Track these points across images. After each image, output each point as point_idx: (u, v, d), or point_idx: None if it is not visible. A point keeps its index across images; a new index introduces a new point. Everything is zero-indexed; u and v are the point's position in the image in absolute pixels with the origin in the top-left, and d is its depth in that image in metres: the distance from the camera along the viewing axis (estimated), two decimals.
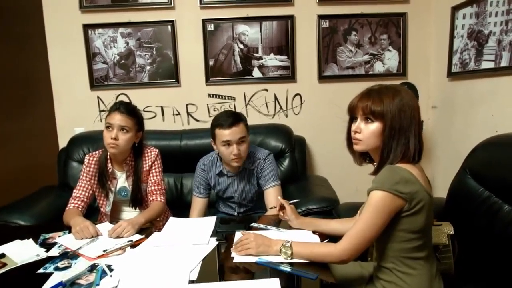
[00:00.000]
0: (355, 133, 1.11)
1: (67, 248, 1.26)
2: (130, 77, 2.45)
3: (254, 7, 2.40)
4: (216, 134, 1.66)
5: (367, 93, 1.11)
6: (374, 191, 1.02)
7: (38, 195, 2.15)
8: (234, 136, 1.62)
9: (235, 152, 1.62)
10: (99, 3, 2.37)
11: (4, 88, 2.69)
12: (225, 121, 1.63)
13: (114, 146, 1.52)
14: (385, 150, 1.07)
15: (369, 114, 1.07)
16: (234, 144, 1.62)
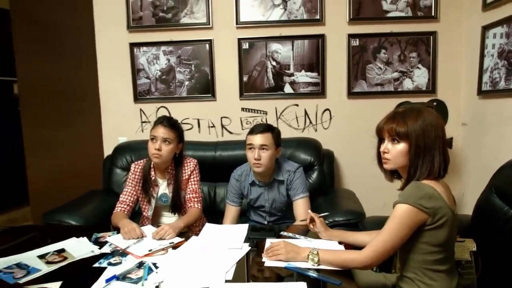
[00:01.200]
0: (384, 153, 1.21)
1: (117, 246, 1.42)
2: (170, 91, 2.64)
3: (287, 27, 2.54)
4: (246, 141, 1.82)
5: (392, 116, 1.20)
6: (399, 204, 1.11)
7: (86, 198, 2.35)
8: (257, 141, 1.77)
9: (256, 156, 1.76)
10: (144, 23, 2.59)
11: (57, 99, 2.97)
12: (256, 128, 1.81)
13: (158, 156, 1.69)
14: (411, 168, 1.16)
15: (395, 135, 1.16)
16: (256, 149, 1.76)
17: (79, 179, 2.96)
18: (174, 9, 2.56)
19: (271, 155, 1.79)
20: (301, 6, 2.51)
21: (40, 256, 1.35)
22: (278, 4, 2.52)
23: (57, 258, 1.34)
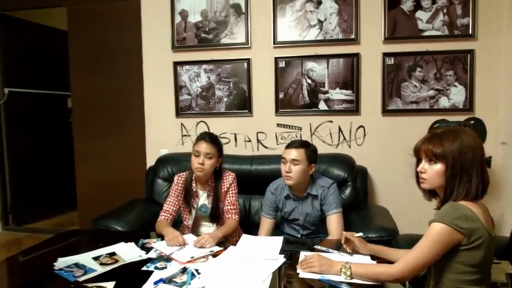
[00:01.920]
0: (421, 173, 1.25)
1: (162, 252, 1.54)
2: (209, 107, 2.80)
3: (322, 46, 2.63)
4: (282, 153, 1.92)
5: (430, 136, 1.25)
6: (434, 222, 1.15)
7: (130, 206, 2.52)
8: (289, 155, 1.86)
9: (286, 169, 1.84)
10: (187, 44, 2.77)
11: (106, 113, 3.21)
12: (292, 143, 1.91)
13: (201, 170, 1.82)
14: (448, 188, 1.19)
15: (431, 156, 1.21)
16: (288, 163, 1.84)
17: (123, 187, 3.16)
18: (216, 30, 2.73)
19: (302, 170, 1.86)
20: (336, 26, 2.59)
21: (94, 258, 1.50)
22: (314, 24, 2.62)
23: (109, 260, 1.48)
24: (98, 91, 3.20)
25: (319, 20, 2.61)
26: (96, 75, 3.20)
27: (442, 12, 2.49)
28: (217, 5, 2.71)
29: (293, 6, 2.63)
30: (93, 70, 3.21)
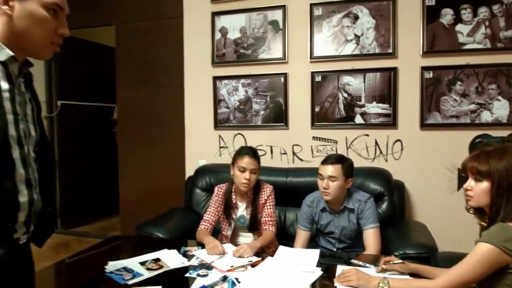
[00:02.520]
0: (467, 190, 1.26)
1: (203, 260, 1.62)
2: (246, 120, 2.89)
3: (359, 61, 2.65)
4: (318, 168, 1.95)
5: (477, 154, 1.25)
6: (482, 243, 1.14)
7: (170, 214, 2.63)
8: (325, 172, 1.88)
9: (324, 185, 1.87)
10: (226, 59, 2.89)
11: (148, 124, 3.38)
12: (328, 159, 1.93)
13: (246, 186, 1.90)
14: (493, 207, 1.19)
15: (477, 174, 1.21)
16: (325, 179, 1.87)
17: (162, 195, 3.30)
18: (254, 46, 2.83)
19: (340, 185, 1.88)
20: (373, 41, 2.61)
21: (141, 262, 1.60)
22: (351, 39, 2.65)
23: (154, 266, 1.57)
24: (142, 103, 3.39)
25: (355, 35, 2.64)
26: (140, 88, 3.39)
27: (484, 25, 2.45)
28: (256, 22, 2.81)
29: (330, 21, 2.68)
30: (137, 84, 3.40)
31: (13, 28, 0.89)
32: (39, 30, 0.92)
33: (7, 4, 0.87)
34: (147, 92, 3.36)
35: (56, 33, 0.95)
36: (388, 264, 1.44)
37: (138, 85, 3.40)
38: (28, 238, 0.98)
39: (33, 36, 0.91)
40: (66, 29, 0.97)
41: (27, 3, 0.89)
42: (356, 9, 2.63)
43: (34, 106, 1.02)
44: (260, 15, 2.80)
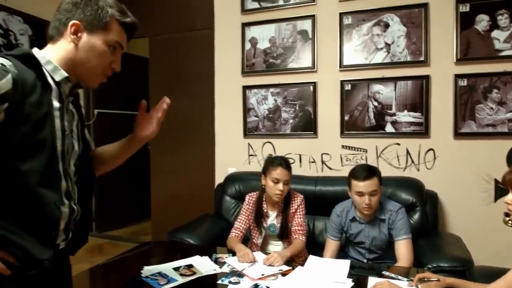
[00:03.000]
0: (507, 204, 1.23)
1: (234, 267, 1.66)
2: (275, 128, 2.92)
3: (389, 69, 2.62)
4: (352, 184, 1.91)
5: None
6: None
7: (200, 221, 2.69)
8: (367, 188, 1.84)
9: (367, 202, 1.84)
10: (256, 69, 2.94)
11: (179, 132, 3.48)
12: (361, 174, 1.88)
13: (279, 197, 1.93)
14: None
15: None
16: (367, 195, 1.84)
17: (192, 201, 3.38)
18: (283, 56, 2.87)
19: (379, 197, 1.88)
20: (404, 49, 2.58)
21: (175, 268, 1.65)
22: (381, 48, 2.63)
23: (188, 272, 1.62)
24: (173, 111, 3.43)
25: (386, 43, 2.62)
26: (172, 97, 3.42)
27: None
28: (285, 32, 2.85)
29: (359, 30, 2.67)
30: (169, 93, 3.44)
31: (75, 55, 0.99)
32: (96, 62, 1.02)
33: (76, 34, 0.97)
34: (178, 100, 3.45)
35: (109, 66, 1.05)
36: (422, 282, 1.41)
37: (170, 94, 3.44)
38: (66, 244, 1.05)
39: (91, 66, 1.01)
40: (119, 66, 1.07)
41: (94, 37, 0.99)
42: (386, 17, 2.62)
43: (79, 123, 1.10)
44: (289, 25, 2.84)
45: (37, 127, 0.88)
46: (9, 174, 0.86)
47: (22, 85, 0.85)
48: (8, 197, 0.87)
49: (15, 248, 0.87)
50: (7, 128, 0.83)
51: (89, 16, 0.99)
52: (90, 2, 1.00)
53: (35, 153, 0.89)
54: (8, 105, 0.82)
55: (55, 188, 0.95)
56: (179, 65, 3.43)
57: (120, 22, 1.03)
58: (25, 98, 0.85)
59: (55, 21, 1.01)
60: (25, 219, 0.89)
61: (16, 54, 0.90)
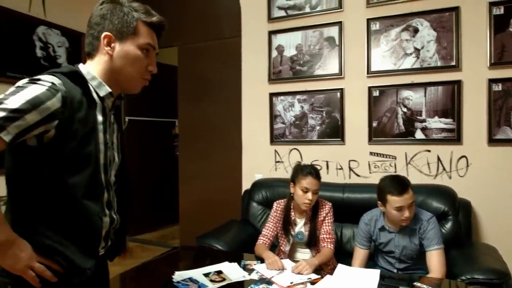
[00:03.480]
0: None
1: (263, 275, 1.67)
2: (302, 135, 2.92)
3: (419, 74, 2.58)
4: (387, 200, 1.84)
5: None
6: None
7: (228, 226, 2.72)
8: (406, 201, 1.80)
9: (407, 215, 1.80)
10: (283, 76, 2.96)
11: (207, 138, 3.55)
12: (396, 188, 1.82)
13: (308, 206, 1.94)
14: None
15: None
16: (406, 209, 1.81)
17: (220, 206, 3.43)
18: (310, 63, 2.87)
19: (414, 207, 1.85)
20: (435, 54, 2.53)
21: (205, 274, 1.68)
22: (410, 53, 2.59)
23: (217, 278, 1.65)
24: (201, 118, 3.57)
25: (415, 48, 2.58)
26: (200, 104, 3.58)
27: None
28: (312, 39, 2.86)
29: (387, 36, 2.64)
30: (197, 100, 3.60)
31: (112, 65, 1.02)
32: (133, 68, 1.04)
33: (109, 46, 1.01)
34: (206, 107, 3.54)
35: (146, 70, 1.07)
36: None
37: (198, 101, 3.59)
38: (105, 251, 1.10)
39: (128, 72, 1.04)
40: (155, 67, 1.09)
41: (126, 44, 1.02)
42: (416, 22, 2.58)
43: (118, 134, 1.15)
44: (316, 32, 2.85)
45: (83, 142, 0.92)
46: (57, 187, 0.90)
47: (70, 102, 0.88)
48: (55, 209, 0.91)
49: (61, 257, 0.91)
50: (57, 144, 0.88)
51: (117, 24, 1.00)
52: (115, 10, 1.01)
53: (81, 167, 0.93)
54: (58, 122, 0.86)
55: (98, 199, 0.99)
56: (206, 72, 3.51)
57: (147, 23, 1.04)
58: (73, 114, 0.89)
59: (88, 36, 1.04)
60: (70, 230, 0.94)
61: (64, 71, 0.94)
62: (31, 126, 0.81)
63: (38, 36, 3.12)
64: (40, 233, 0.90)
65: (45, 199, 0.90)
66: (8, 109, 0.78)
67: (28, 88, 0.83)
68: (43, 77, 0.88)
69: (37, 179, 0.89)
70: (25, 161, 0.88)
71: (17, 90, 0.83)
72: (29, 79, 0.87)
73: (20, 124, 0.79)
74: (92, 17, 1.03)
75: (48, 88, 0.85)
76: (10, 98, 0.80)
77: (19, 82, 0.87)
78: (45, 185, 0.89)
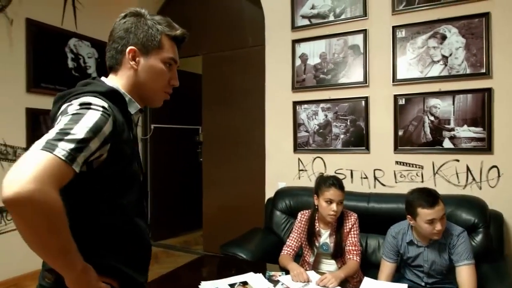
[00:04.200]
0: None
1: (288, 286, 1.67)
2: (326, 143, 2.90)
3: (447, 82, 2.52)
4: (418, 213, 1.80)
5: None
6: None
7: (251, 235, 2.73)
8: (438, 214, 1.75)
9: (439, 228, 1.75)
10: (306, 85, 2.96)
11: (230, 145, 3.59)
12: (427, 201, 1.78)
13: (333, 217, 1.93)
14: None
15: None
16: (438, 222, 1.77)
17: (242, 213, 3.46)
18: (334, 71, 2.86)
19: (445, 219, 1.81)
20: (463, 61, 2.47)
21: (230, 285, 1.70)
22: (438, 60, 2.54)
23: None
24: (225, 125, 3.62)
25: (443, 55, 2.53)
26: (223, 111, 3.62)
27: None
28: (336, 47, 2.85)
29: (414, 43, 2.60)
30: (221, 107, 3.65)
31: (136, 80, 1.01)
32: (157, 82, 1.03)
33: (134, 60, 1.00)
34: (230, 115, 3.58)
35: (169, 83, 1.07)
36: None
37: (221, 108, 3.64)
38: None
39: (152, 87, 1.03)
40: (177, 81, 1.09)
41: (150, 59, 1.01)
42: (443, 29, 2.52)
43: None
44: (340, 40, 2.83)
45: (130, 161, 0.94)
46: (112, 209, 0.91)
47: (118, 124, 0.88)
48: (113, 230, 0.93)
49: (121, 275, 0.93)
50: (107, 167, 0.87)
51: (142, 38, 0.99)
52: (140, 23, 1.00)
53: (130, 186, 0.94)
54: (110, 146, 0.85)
55: (144, 215, 1.02)
56: (230, 80, 3.55)
57: (171, 37, 1.03)
58: (120, 136, 0.89)
59: (111, 50, 1.01)
60: (128, 248, 0.96)
61: (104, 91, 0.92)
62: (92, 153, 0.80)
63: (70, 48, 3.26)
64: (102, 255, 0.91)
65: (103, 222, 0.91)
66: (76, 139, 0.76)
67: (86, 115, 0.81)
68: (92, 100, 0.86)
69: (91, 204, 0.89)
70: (76, 188, 0.85)
71: (78, 118, 0.80)
72: (80, 104, 0.85)
73: (86, 153, 0.78)
74: (115, 31, 1.01)
75: (102, 113, 0.83)
76: (75, 127, 0.78)
77: (71, 108, 0.84)
78: (101, 209, 0.90)
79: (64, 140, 0.75)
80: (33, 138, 3.20)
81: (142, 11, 1.03)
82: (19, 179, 0.68)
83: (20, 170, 0.69)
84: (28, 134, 3.02)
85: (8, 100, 2.91)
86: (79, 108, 0.83)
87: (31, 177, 0.68)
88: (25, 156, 0.72)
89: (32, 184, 0.68)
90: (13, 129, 2.96)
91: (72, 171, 0.75)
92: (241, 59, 3.46)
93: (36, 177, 0.69)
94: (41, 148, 0.73)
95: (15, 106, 2.96)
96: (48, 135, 0.76)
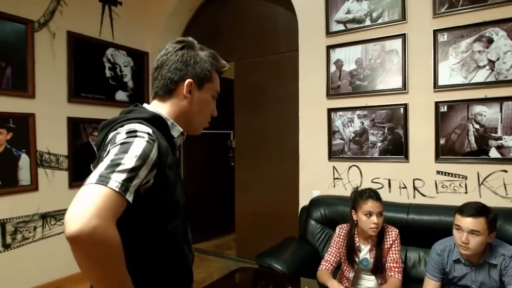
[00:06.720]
0: None
1: None
2: (362, 151, 2.83)
3: (494, 88, 2.38)
4: (455, 218, 1.76)
5: None
6: None
7: (286, 244, 2.71)
8: (466, 225, 1.68)
9: (463, 240, 1.68)
10: (342, 91, 2.89)
11: (263, 150, 3.58)
12: (468, 210, 1.71)
13: (375, 230, 1.87)
14: None
15: None
16: (465, 233, 1.68)
17: (276, 220, 3.44)
18: (370, 77, 2.78)
19: (481, 241, 1.69)
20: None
21: None
22: (484, 65, 2.40)
23: None
24: (257, 131, 3.61)
25: (489, 60, 2.39)
26: (256, 117, 3.61)
27: None
28: (372, 53, 2.76)
29: (457, 47, 2.48)
30: (253, 112, 3.64)
31: (187, 110, 1.04)
32: (204, 113, 1.09)
33: (190, 93, 1.03)
34: (262, 120, 3.57)
35: (210, 114, 1.12)
36: None
37: (254, 114, 3.63)
38: None
39: (199, 116, 1.08)
40: (216, 112, 1.14)
41: (203, 92, 1.05)
42: (489, 32, 2.39)
43: None
44: (377, 46, 2.74)
45: (175, 187, 0.94)
46: (160, 236, 0.92)
47: (162, 149, 0.89)
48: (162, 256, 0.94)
49: None
50: (153, 193, 0.88)
51: (199, 72, 1.03)
52: (197, 57, 1.04)
53: (176, 211, 0.96)
54: (156, 172, 0.86)
55: (188, 240, 1.03)
56: (263, 86, 3.54)
57: (218, 71, 1.08)
58: (165, 162, 0.90)
59: (165, 79, 1.03)
60: (175, 273, 0.97)
61: (147, 117, 0.93)
62: (141, 181, 0.81)
63: (108, 58, 3.35)
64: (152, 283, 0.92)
65: (151, 249, 0.92)
66: (127, 169, 0.77)
67: (134, 143, 0.82)
68: (138, 127, 0.88)
69: (140, 232, 0.90)
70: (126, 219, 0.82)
71: (126, 148, 0.81)
72: (126, 132, 0.86)
73: (137, 182, 0.79)
74: (170, 61, 1.03)
75: (148, 140, 0.85)
76: (125, 157, 0.79)
77: (119, 136, 0.85)
78: (149, 236, 0.91)
79: (116, 171, 0.77)
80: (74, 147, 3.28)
81: (195, 43, 1.07)
82: (81, 216, 0.69)
83: (80, 207, 0.71)
84: (69, 142, 3.13)
85: (51, 111, 3.03)
86: (126, 137, 0.85)
87: (92, 213, 0.70)
88: (82, 191, 0.74)
89: (94, 220, 0.70)
90: (56, 138, 3.08)
91: (126, 201, 0.77)
92: (274, 65, 3.43)
93: (96, 213, 0.71)
94: (95, 182, 0.74)
95: (58, 116, 3.08)
96: (100, 167, 0.78)
